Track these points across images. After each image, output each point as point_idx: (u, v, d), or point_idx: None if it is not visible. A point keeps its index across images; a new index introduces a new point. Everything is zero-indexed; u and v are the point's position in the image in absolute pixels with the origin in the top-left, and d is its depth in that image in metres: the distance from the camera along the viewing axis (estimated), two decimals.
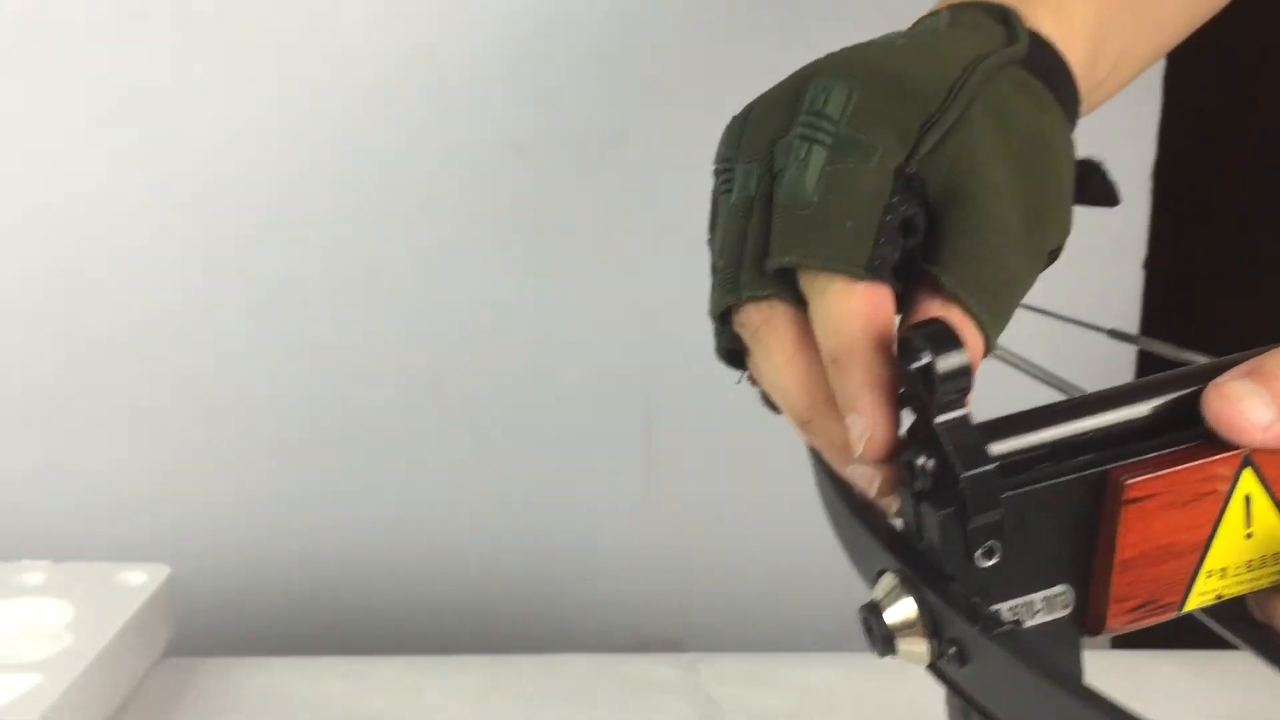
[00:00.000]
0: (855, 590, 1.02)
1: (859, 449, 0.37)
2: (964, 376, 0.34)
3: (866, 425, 0.36)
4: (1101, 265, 0.96)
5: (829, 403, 0.38)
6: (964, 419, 0.35)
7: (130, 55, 0.83)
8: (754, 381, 0.42)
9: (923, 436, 0.35)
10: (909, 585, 0.36)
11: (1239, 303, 0.92)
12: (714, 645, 0.91)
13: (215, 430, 0.89)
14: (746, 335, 0.40)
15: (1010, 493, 0.35)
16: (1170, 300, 0.98)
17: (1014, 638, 0.33)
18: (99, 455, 0.89)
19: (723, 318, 0.41)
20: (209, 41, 0.83)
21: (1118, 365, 0.93)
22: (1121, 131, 0.94)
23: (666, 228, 0.89)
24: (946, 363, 0.34)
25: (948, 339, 0.34)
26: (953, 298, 0.38)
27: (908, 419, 0.37)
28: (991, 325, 0.38)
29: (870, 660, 0.75)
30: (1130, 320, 0.98)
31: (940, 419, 0.35)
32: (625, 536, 0.96)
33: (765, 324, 0.39)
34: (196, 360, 0.88)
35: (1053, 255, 0.42)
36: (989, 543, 0.35)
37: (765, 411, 0.41)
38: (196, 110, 0.84)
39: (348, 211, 0.87)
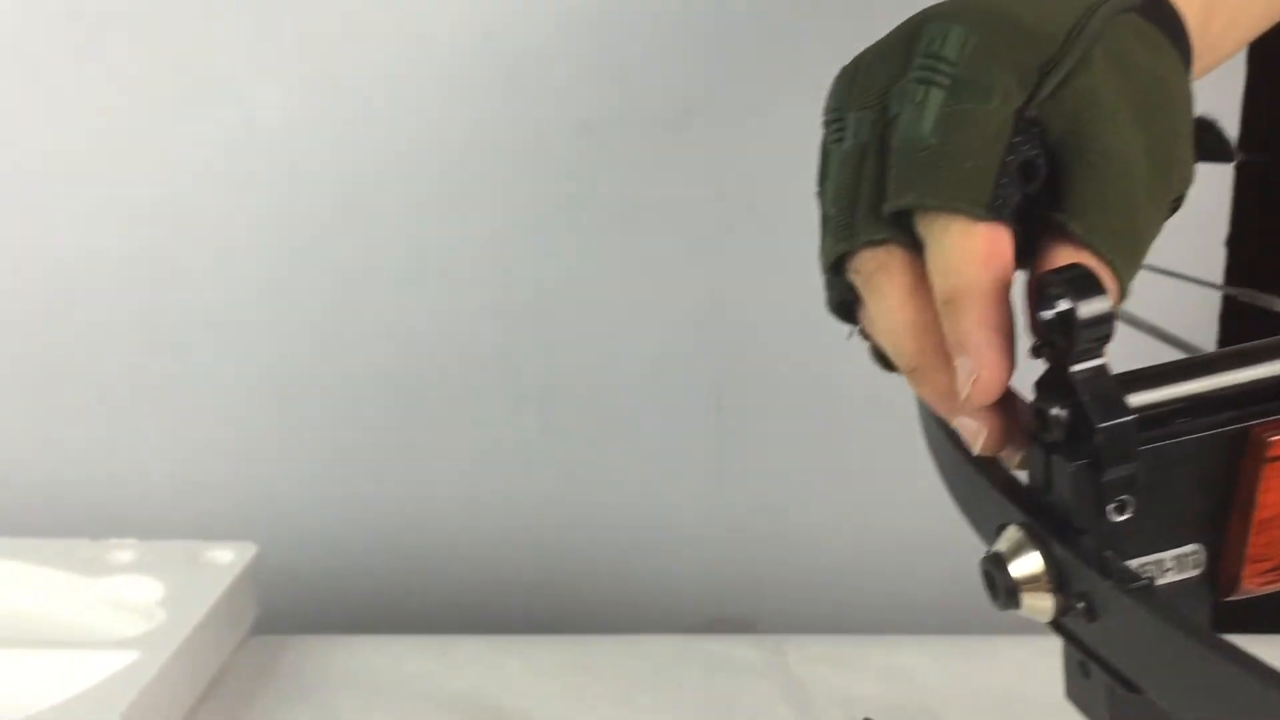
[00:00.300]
0: (931, 574, 1.01)
1: (965, 391, 0.36)
2: (1105, 324, 0.34)
3: (975, 366, 0.36)
4: (1182, 242, 0.95)
5: (939, 349, 0.37)
6: (1102, 368, 0.34)
7: (207, 40, 0.83)
8: (865, 335, 0.42)
9: (1056, 386, 0.35)
10: (1035, 538, 0.35)
11: None
12: (785, 627, 0.90)
13: (295, 411, 0.90)
14: (860, 282, 0.40)
15: (1146, 446, 0.35)
16: (1251, 278, 0.97)
17: (1149, 593, 0.32)
18: (182, 435, 0.90)
19: (835, 267, 0.40)
20: (283, 25, 0.83)
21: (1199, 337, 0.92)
22: (1205, 106, 0.92)
23: (736, 206, 0.89)
24: (1089, 308, 0.33)
25: (1089, 284, 0.34)
26: (1085, 245, 0.37)
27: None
28: (1125, 273, 0.37)
29: (958, 644, 0.76)
30: (1211, 298, 0.97)
31: (1077, 367, 0.34)
32: (696, 517, 0.96)
33: (881, 269, 0.39)
34: (275, 342, 0.89)
35: (1175, 204, 0.41)
36: (1122, 497, 0.35)
37: (837, 389, 0.41)
38: (271, 95, 0.84)
39: (420, 193, 0.87)
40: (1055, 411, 0.35)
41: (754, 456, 0.95)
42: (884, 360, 0.41)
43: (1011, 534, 0.36)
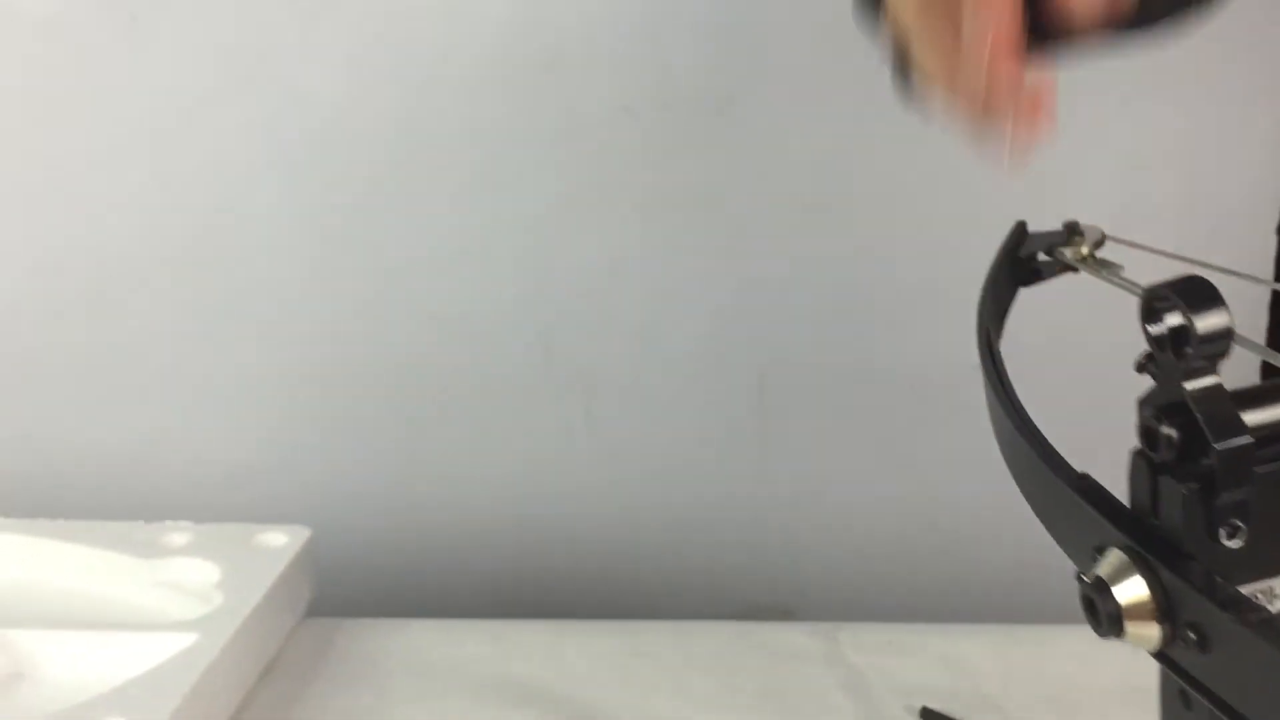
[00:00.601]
0: (974, 561, 1.00)
1: (983, 47, 0.35)
2: (1223, 339, 0.32)
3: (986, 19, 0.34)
4: (1235, 228, 0.94)
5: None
6: (1218, 386, 0.33)
7: (251, 23, 0.83)
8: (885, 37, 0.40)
9: (1166, 403, 0.34)
10: (1141, 563, 0.33)
11: None
12: (827, 614, 0.90)
13: (341, 397, 0.90)
14: None
15: (1261, 469, 0.33)
16: None
17: (1272, 626, 0.30)
18: (230, 421, 0.90)
19: None
20: (325, 7, 0.83)
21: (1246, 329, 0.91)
22: (1259, 92, 0.91)
23: (777, 190, 0.89)
24: (1206, 323, 0.32)
25: (1205, 295, 0.32)
26: None
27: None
28: None
29: (1013, 633, 0.75)
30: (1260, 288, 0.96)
31: (1191, 385, 0.33)
32: (738, 501, 0.96)
33: None
34: (320, 328, 0.89)
35: None
36: (1235, 521, 0.33)
37: (880, 373, 0.39)
38: (313, 79, 0.84)
39: (463, 176, 0.87)
40: (1166, 430, 0.33)
41: (797, 441, 0.94)
42: (901, 65, 0.40)
43: (1114, 558, 0.34)
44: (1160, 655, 0.34)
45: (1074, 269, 0.50)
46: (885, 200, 0.90)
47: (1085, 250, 0.49)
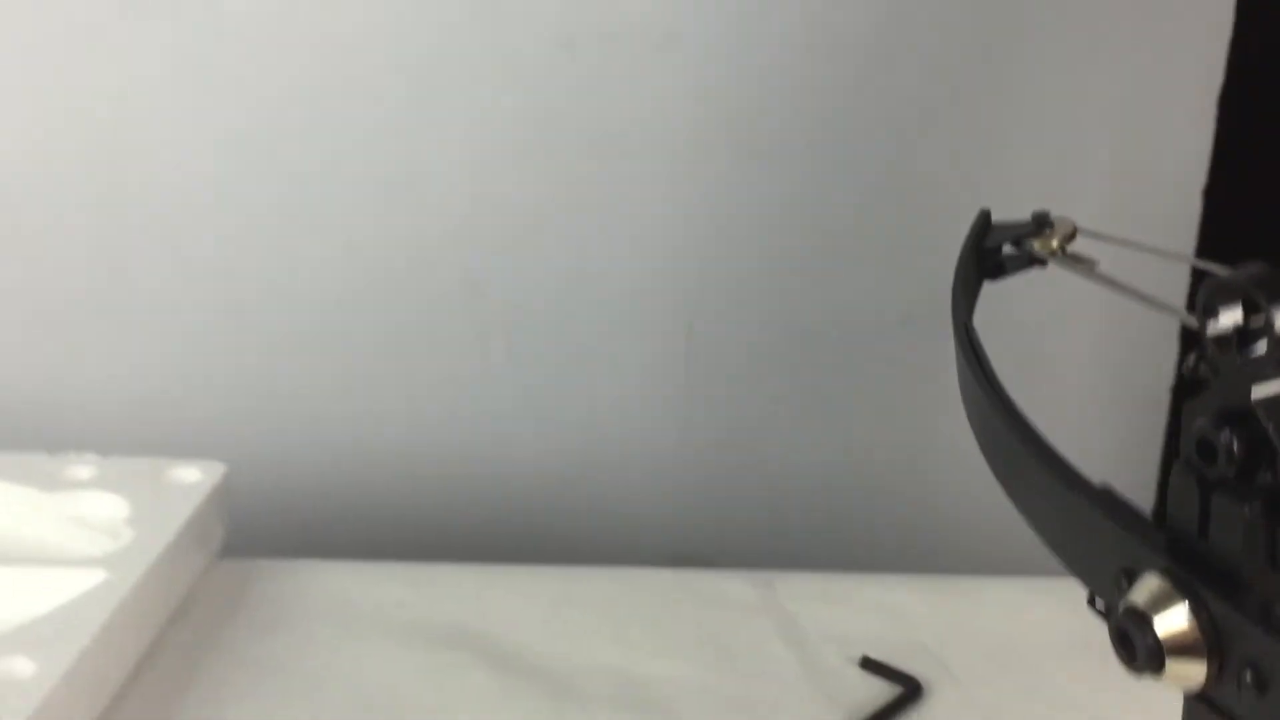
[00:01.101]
0: (902, 513, 1.00)
1: None
2: None
3: None
4: (1161, 190, 0.95)
5: None
6: None
7: None
8: None
9: (1225, 410, 0.30)
10: (1186, 590, 0.30)
11: None
12: (752, 563, 0.89)
13: (258, 327, 0.87)
14: None
15: None
16: (1227, 229, 0.97)
17: None
18: (136, 351, 0.86)
19: None
20: None
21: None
22: (1190, 55, 0.92)
23: (715, 129, 0.87)
24: None
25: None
26: None
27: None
28: None
29: (947, 583, 0.74)
30: (1187, 246, 0.97)
31: (1260, 391, 0.29)
32: (664, 449, 0.94)
33: None
34: (236, 255, 0.85)
35: None
36: None
37: (808, 321, 0.36)
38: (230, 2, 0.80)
39: (388, 109, 0.84)
40: (1226, 441, 0.29)
41: (723, 388, 0.93)
42: None
43: (1152, 583, 0.30)
44: (1203, 697, 0.30)
45: (1043, 263, 0.46)
46: (823, 147, 0.89)
47: (1055, 244, 0.46)
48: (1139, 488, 0.73)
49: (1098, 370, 0.97)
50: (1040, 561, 0.57)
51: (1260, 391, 0.29)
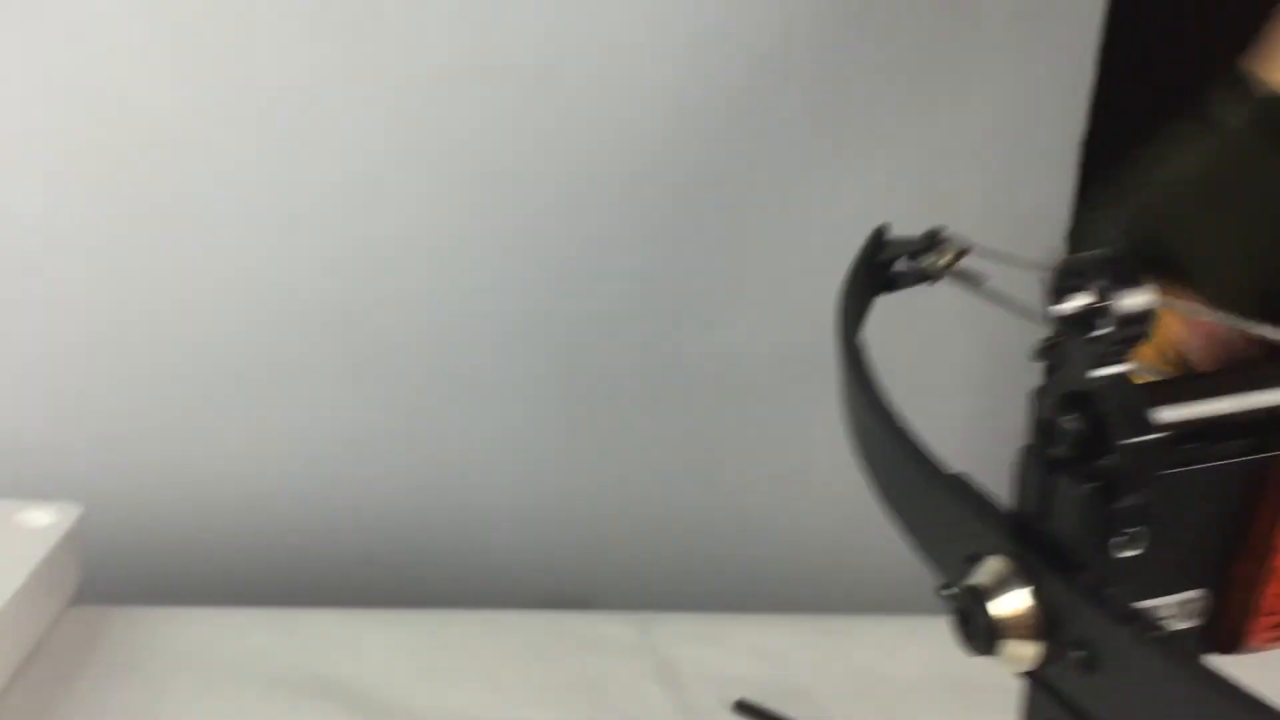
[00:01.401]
0: (774, 553, 1.00)
1: None
2: (1143, 322, 0.28)
3: None
4: (1029, 232, 0.97)
5: None
6: (1128, 376, 0.29)
7: None
8: None
9: (1065, 393, 0.30)
10: (1024, 572, 0.30)
11: None
12: (628, 604, 0.88)
13: (116, 364, 0.83)
14: None
15: (1160, 473, 0.30)
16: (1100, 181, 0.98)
17: (1176, 644, 0.28)
18: None
19: None
20: None
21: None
22: (1056, 95, 0.94)
23: (594, 164, 0.86)
24: (1131, 300, 0.28)
25: (1129, 271, 0.28)
26: None
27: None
28: None
29: (820, 622, 0.74)
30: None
31: (1100, 372, 0.29)
32: (541, 489, 0.93)
33: None
34: (93, 290, 0.82)
35: None
36: (1132, 529, 0.29)
37: (687, 365, 0.36)
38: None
39: (269, 135, 0.82)
40: (1068, 422, 0.29)
41: (603, 429, 0.93)
42: None
43: (993, 566, 0.30)
44: (1032, 676, 0.31)
45: (933, 279, 0.47)
46: (700, 190, 0.89)
47: (946, 260, 0.47)
48: None
49: (983, 375, 0.98)
50: (914, 600, 0.57)
51: (1099, 374, 0.29)
